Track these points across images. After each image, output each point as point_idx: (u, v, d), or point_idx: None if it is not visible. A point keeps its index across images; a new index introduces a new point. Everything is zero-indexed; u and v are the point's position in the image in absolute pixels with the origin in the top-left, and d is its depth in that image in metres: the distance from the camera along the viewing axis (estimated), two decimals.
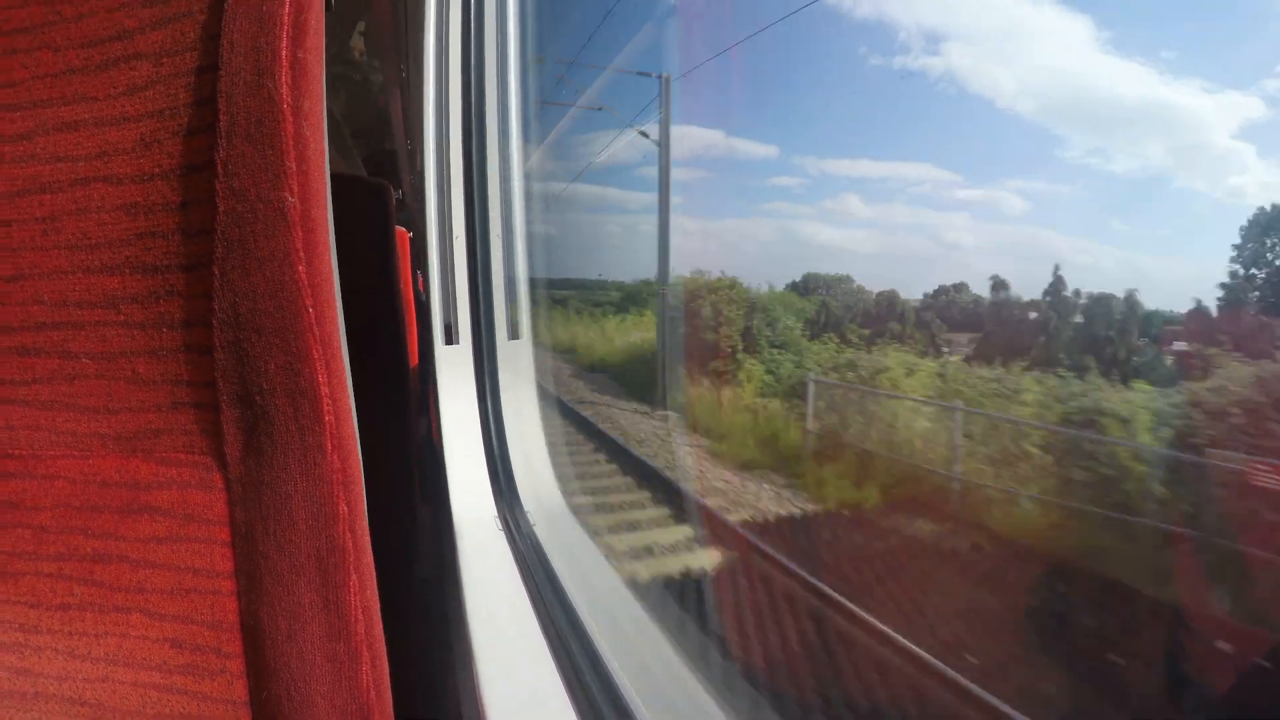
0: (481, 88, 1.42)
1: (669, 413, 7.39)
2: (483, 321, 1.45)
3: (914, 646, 2.98)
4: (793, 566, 3.80)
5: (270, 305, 0.48)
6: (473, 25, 1.41)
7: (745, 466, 5.65)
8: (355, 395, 0.58)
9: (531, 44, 1.54)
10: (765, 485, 5.28)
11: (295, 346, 0.48)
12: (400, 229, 1.69)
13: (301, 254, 0.47)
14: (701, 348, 7.78)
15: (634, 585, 1.20)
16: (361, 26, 3.80)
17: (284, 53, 0.46)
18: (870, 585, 3.91)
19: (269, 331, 0.48)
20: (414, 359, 1.54)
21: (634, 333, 10.47)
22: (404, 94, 3.74)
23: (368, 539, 0.52)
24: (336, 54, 4.16)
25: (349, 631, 0.50)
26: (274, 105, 0.46)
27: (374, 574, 0.53)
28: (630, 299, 11.16)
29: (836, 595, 3.47)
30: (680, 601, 3.67)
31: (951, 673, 2.80)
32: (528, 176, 1.51)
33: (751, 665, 3.25)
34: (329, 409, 0.50)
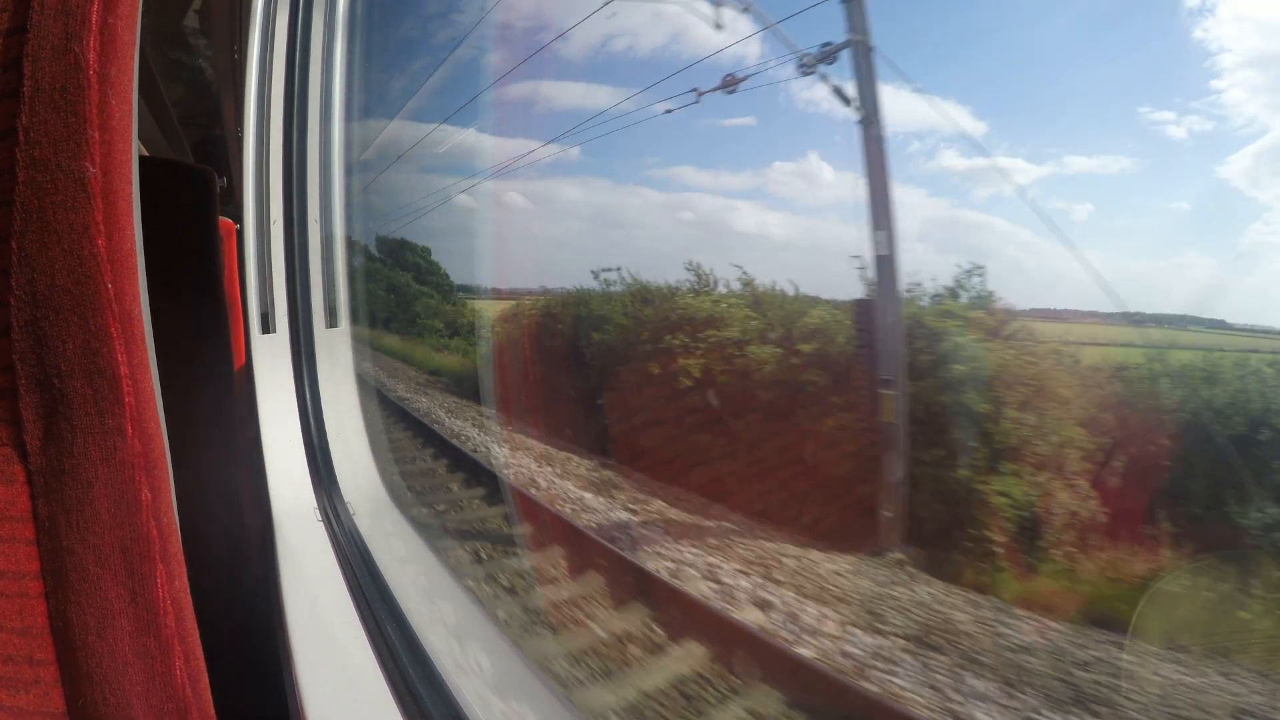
0: (306, 73, 1.37)
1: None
2: (300, 310, 1.41)
3: None
4: None
5: (68, 281, 0.44)
6: (300, 10, 1.36)
7: None
8: (174, 387, 0.54)
9: (360, 37, 1.51)
10: None
11: (93, 324, 0.45)
12: (227, 220, 1.58)
13: (101, 227, 0.44)
14: None
15: (458, 572, 1.25)
16: (197, 4, 3.41)
17: (94, 17, 0.43)
18: None
19: (67, 309, 0.45)
20: (240, 354, 1.46)
21: None
22: (236, 79, 3.39)
23: (175, 527, 0.50)
24: (169, 35, 3.69)
25: (158, 625, 0.48)
26: (80, 71, 0.43)
27: (183, 564, 0.50)
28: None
29: None
30: None
31: None
32: (350, 168, 1.48)
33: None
34: (129, 389, 0.46)
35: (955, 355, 3.99)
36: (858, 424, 4.06)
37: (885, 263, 3.82)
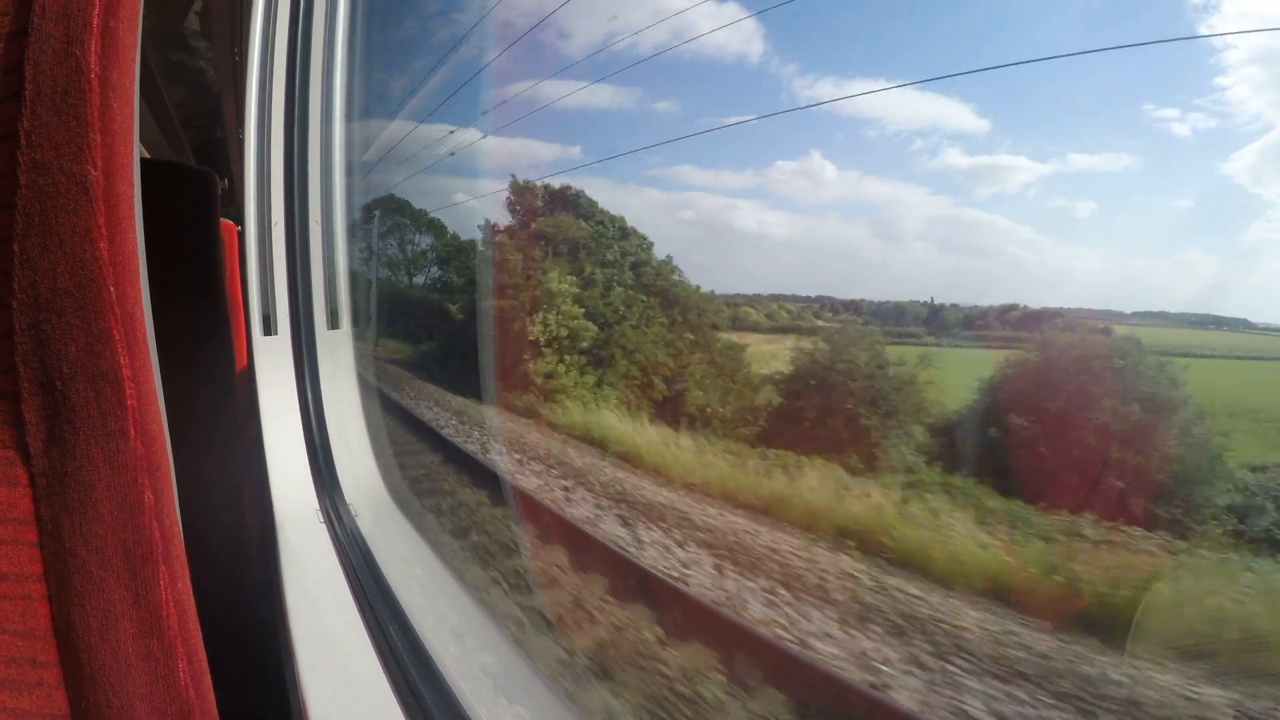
0: (306, 74, 1.37)
1: None
2: (302, 311, 1.41)
3: None
4: None
5: (70, 284, 0.45)
6: (301, 11, 1.36)
7: None
8: (176, 389, 0.54)
9: (361, 38, 1.51)
10: None
11: (95, 327, 0.45)
12: (229, 223, 1.59)
13: (104, 230, 0.45)
14: None
15: (458, 571, 1.25)
16: (198, 6, 3.42)
17: (95, 20, 0.44)
18: None
19: (69, 312, 0.45)
20: (242, 356, 1.47)
21: None
22: (237, 81, 3.40)
23: (178, 529, 0.50)
24: (170, 36, 3.70)
25: (162, 627, 0.48)
26: (81, 75, 0.43)
27: (186, 566, 0.50)
28: None
29: None
30: None
31: None
32: (352, 169, 1.48)
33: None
34: (131, 392, 0.47)
35: None
36: None
37: None
